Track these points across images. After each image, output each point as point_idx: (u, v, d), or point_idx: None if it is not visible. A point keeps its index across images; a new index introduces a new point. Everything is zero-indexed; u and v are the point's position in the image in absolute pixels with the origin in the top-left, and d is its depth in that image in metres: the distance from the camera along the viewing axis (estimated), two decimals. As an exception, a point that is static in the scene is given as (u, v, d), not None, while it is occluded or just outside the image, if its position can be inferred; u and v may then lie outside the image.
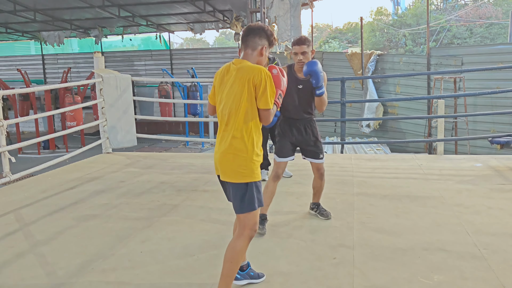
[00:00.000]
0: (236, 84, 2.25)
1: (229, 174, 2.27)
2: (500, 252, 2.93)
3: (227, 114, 2.27)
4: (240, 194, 2.26)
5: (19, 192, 4.77)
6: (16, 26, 15.47)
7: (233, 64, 2.34)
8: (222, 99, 2.32)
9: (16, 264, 2.96)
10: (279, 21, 11.61)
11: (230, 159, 2.25)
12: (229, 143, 2.25)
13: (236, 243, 2.26)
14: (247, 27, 2.41)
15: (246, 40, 2.36)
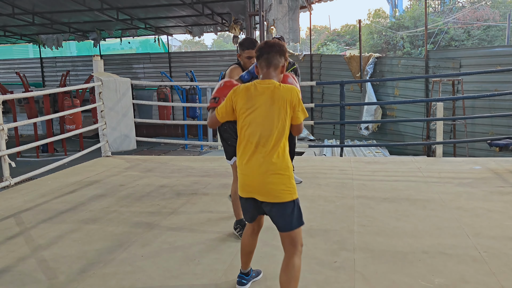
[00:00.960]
0: (275, 106, 2.23)
1: (276, 194, 2.21)
2: (500, 255, 2.94)
3: (265, 135, 2.22)
4: (289, 212, 2.23)
5: (19, 196, 4.77)
6: (15, 29, 15.48)
7: (260, 85, 2.29)
8: (253, 119, 2.26)
9: (17, 268, 2.95)
10: (278, 24, 11.63)
11: (275, 179, 2.21)
12: (272, 163, 2.21)
13: (295, 261, 2.24)
14: (267, 44, 2.33)
15: (268, 58, 2.31)
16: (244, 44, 3.32)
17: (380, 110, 13.28)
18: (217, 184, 5.05)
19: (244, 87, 2.32)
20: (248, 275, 2.61)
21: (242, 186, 2.33)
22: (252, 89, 2.29)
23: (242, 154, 2.30)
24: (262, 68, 2.33)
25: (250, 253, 2.56)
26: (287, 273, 2.22)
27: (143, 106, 16.79)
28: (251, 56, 3.27)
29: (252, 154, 2.25)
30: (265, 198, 2.24)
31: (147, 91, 17.56)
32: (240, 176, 2.33)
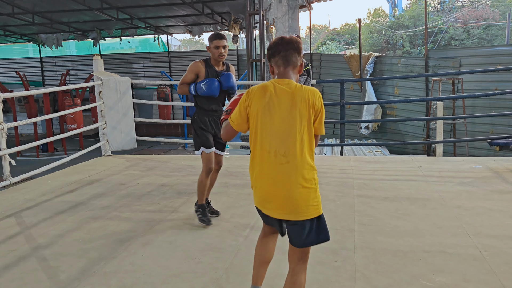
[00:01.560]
0: (299, 109, 1.98)
1: (303, 210, 1.95)
2: (501, 254, 2.94)
3: (286, 142, 1.96)
4: (314, 228, 2.00)
5: (19, 195, 4.76)
6: (15, 28, 15.48)
7: (279, 84, 2.03)
8: (272, 125, 1.99)
9: (18, 267, 2.95)
10: (277, 23, 11.64)
11: (303, 194, 1.95)
12: (299, 175, 1.95)
13: (302, 278, 2.04)
14: (284, 41, 2.08)
15: (286, 56, 2.05)
16: (212, 36, 3.58)
17: (380, 109, 13.29)
18: (217, 183, 5.03)
19: (260, 87, 2.06)
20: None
21: (257, 198, 2.08)
22: (270, 88, 2.03)
23: (257, 162, 2.03)
24: (279, 67, 2.07)
25: (263, 264, 2.25)
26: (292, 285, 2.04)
27: (143, 106, 16.80)
28: (218, 46, 3.54)
29: (272, 165, 1.97)
30: (289, 215, 1.97)
31: (147, 90, 17.57)
32: (255, 188, 2.07)
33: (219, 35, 3.59)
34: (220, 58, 3.59)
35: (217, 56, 3.58)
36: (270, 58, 2.12)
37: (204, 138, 3.60)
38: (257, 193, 2.06)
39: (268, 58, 2.14)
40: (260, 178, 2.02)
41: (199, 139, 3.60)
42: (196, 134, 3.63)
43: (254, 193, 2.10)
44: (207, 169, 3.57)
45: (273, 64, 2.10)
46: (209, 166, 3.57)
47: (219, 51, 3.56)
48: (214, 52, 3.58)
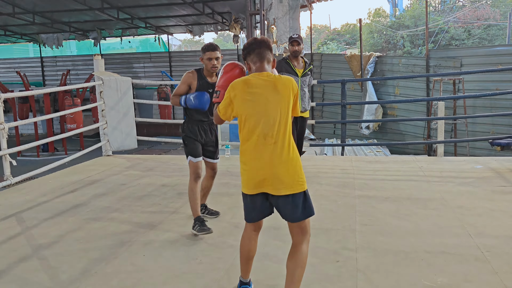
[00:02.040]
0: (281, 96, 2.25)
1: (290, 185, 2.20)
2: (503, 254, 2.93)
3: (272, 126, 2.20)
4: (301, 202, 2.23)
5: (20, 195, 4.76)
6: (15, 28, 15.47)
7: (258, 77, 2.28)
8: (258, 112, 2.23)
9: (19, 268, 2.95)
10: (278, 23, 11.62)
11: (290, 171, 2.21)
12: (283, 154, 2.20)
13: (303, 247, 2.25)
14: (261, 41, 2.36)
15: (260, 53, 2.32)
16: (205, 47, 3.56)
17: (380, 109, 13.28)
18: (218, 184, 5.03)
19: (242, 80, 2.29)
20: (250, 285, 2.51)
21: (250, 182, 2.25)
22: (252, 81, 2.27)
23: (249, 148, 2.24)
24: (255, 63, 2.33)
25: (251, 258, 2.45)
26: (295, 259, 2.23)
27: (144, 105, 16.79)
28: (211, 58, 3.52)
29: (262, 147, 2.20)
30: (280, 190, 2.19)
31: (147, 90, 17.56)
32: (248, 172, 2.25)
33: (212, 46, 3.56)
34: (213, 70, 3.58)
35: (209, 68, 3.58)
36: (246, 57, 2.36)
37: (192, 147, 3.63)
38: (249, 176, 2.25)
39: (244, 57, 2.38)
40: (252, 160, 2.24)
41: (186, 148, 3.65)
42: (184, 144, 3.67)
43: (244, 178, 2.28)
44: (195, 177, 3.57)
45: (250, 62, 2.35)
46: (197, 173, 3.58)
47: (212, 63, 3.55)
48: (207, 64, 3.57)
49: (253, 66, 2.34)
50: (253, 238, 2.42)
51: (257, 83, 2.26)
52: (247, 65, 2.38)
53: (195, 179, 3.57)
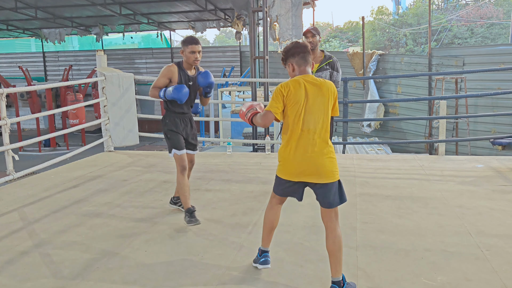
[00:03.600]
0: (326, 98, 2.53)
1: (327, 175, 2.50)
2: (503, 254, 2.94)
3: (319, 123, 2.51)
4: (337, 190, 2.52)
5: (22, 190, 4.78)
6: (17, 23, 15.49)
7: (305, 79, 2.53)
8: (306, 109, 2.50)
9: (21, 262, 2.97)
10: (281, 20, 11.61)
11: (327, 162, 2.50)
12: (326, 148, 2.52)
13: (339, 231, 2.53)
14: (304, 46, 2.59)
15: (305, 57, 2.56)
16: (188, 41, 3.58)
17: (382, 107, 13.27)
18: (220, 180, 5.06)
19: (293, 81, 2.53)
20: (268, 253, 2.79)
21: (294, 171, 2.52)
22: (301, 81, 2.52)
23: (296, 140, 2.50)
24: (300, 65, 2.57)
25: (273, 229, 2.77)
26: (336, 242, 2.50)
27: (145, 102, 16.79)
28: (194, 51, 3.56)
29: (308, 139, 2.49)
30: (322, 179, 2.49)
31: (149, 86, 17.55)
32: (292, 161, 2.52)
33: (195, 39, 3.60)
34: (195, 63, 3.63)
35: (192, 61, 3.61)
36: (289, 58, 2.58)
37: (175, 140, 3.68)
38: (290, 165, 2.54)
39: (286, 58, 2.61)
40: (296, 152, 2.51)
41: (170, 141, 3.69)
42: (166, 138, 3.70)
43: (284, 166, 2.56)
44: (181, 169, 3.65)
45: (294, 63, 2.57)
46: (183, 165, 3.65)
47: (195, 56, 3.59)
48: (190, 57, 3.60)
49: (297, 68, 2.57)
50: (277, 210, 2.73)
51: (306, 85, 2.51)
52: (290, 66, 2.59)
53: (182, 172, 3.64)
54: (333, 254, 2.49)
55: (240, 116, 2.77)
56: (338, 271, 2.48)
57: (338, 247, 2.49)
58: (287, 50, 2.60)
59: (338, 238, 2.51)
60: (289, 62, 2.59)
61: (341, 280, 2.47)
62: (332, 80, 4.50)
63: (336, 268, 2.48)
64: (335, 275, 2.48)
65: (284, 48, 2.64)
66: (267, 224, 2.75)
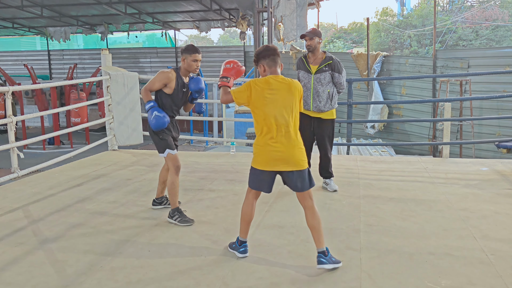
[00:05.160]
0: (293, 95, 2.85)
1: (298, 163, 2.82)
2: (507, 258, 2.93)
3: (288, 118, 2.80)
4: (305, 176, 2.84)
5: (26, 188, 4.80)
6: (23, 21, 15.54)
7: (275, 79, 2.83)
8: (277, 106, 2.80)
9: (25, 261, 2.98)
10: (285, 20, 11.60)
11: (297, 152, 2.83)
12: (296, 140, 2.83)
13: (316, 209, 2.87)
14: (274, 49, 2.89)
15: (275, 59, 2.87)
16: (191, 49, 3.69)
17: (386, 109, 13.24)
18: (224, 181, 5.06)
19: (264, 80, 2.83)
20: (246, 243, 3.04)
21: (268, 161, 2.81)
22: (272, 82, 2.83)
23: (268, 134, 2.80)
24: (271, 66, 2.86)
25: (250, 221, 3.03)
26: (315, 217, 2.83)
27: (149, 101, 16.81)
28: (196, 60, 3.68)
29: (281, 133, 2.79)
30: (293, 167, 2.81)
31: (153, 85, 17.57)
32: (266, 153, 2.81)
33: (197, 49, 3.72)
34: (195, 71, 3.75)
35: (193, 69, 3.71)
36: (260, 60, 2.88)
37: (168, 141, 3.76)
38: (265, 156, 2.82)
39: (257, 60, 2.90)
40: (270, 144, 2.80)
41: (163, 142, 3.75)
42: (159, 138, 3.76)
43: (259, 157, 2.84)
44: (176, 169, 3.73)
45: (265, 65, 2.87)
46: (177, 164, 3.74)
47: (197, 64, 3.70)
48: (192, 65, 3.68)
49: (268, 69, 2.87)
50: (253, 204, 3.00)
51: (276, 84, 2.82)
52: (261, 67, 2.88)
53: (176, 172, 3.73)
54: (314, 228, 2.82)
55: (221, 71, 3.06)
56: (322, 242, 2.80)
57: (318, 222, 2.82)
58: (258, 53, 2.90)
59: (316, 214, 2.84)
60: (260, 63, 2.88)
61: (325, 250, 2.79)
62: (334, 82, 4.47)
63: (319, 240, 2.80)
64: (319, 246, 2.80)
65: (256, 51, 2.94)
66: (245, 218, 3.00)
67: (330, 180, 4.66)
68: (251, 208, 2.99)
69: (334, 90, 4.49)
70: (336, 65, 4.43)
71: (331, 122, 4.60)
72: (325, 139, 4.61)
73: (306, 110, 4.52)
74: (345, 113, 6.97)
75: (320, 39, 4.45)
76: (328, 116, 4.54)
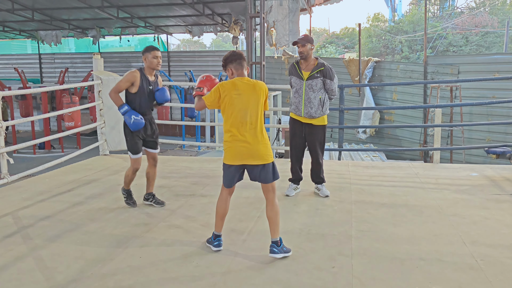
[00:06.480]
0: (258, 95, 3.10)
1: (264, 158, 3.06)
2: (497, 263, 2.96)
3: (253, 116, 3.05)
4: (271, 170, 3.09)
5: (16, 194, 4.75)
6: (14, 24, 15.42)
7: (241, 80, 3.09)
8: (243, 106, 3.04)
9: (15, 268, 2.95)
10: (278, 26, 11.65)
11: (263, 148, 3.07)
12: (261, 136, 3.07)
13: (276, 201, 3.11)
14: (240, 54, 3.14)
15: (241, 63, 3.13)
16: (149, 48, 4.00)
17: (378, 114, 13.32)
18: (216, 186, 5.05)
19: (230, 82, 3.08)
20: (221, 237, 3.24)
21: (236, 155, 3.06)
22: (238, 84, 3.08)
23: (235, 130, 3.04)
24: (238, 70, 3.13)
25: (224, 216, 3.22)
26: (273, 209, 3.08)
27: (141, 105, 16.75)
28: (156, 56, 3.98)
29: (246, 130, 3.04)
30: (258, 161, 3.05)
31: (145, 89, 17.51)
32: (234, 148, 3.05)
33: (156, 47, 4.03)
34: (157, 67, 4.02)
35: (155, 65, 3.99)
36: (228, 64, 3.14)
37: (133, 143, 4.04)
38: (233, 152, 3.06)
39: (225, 64, 3.15)
40: (237, 140, 3.04)
41: (128, 144, 4.07)
42: (126, 139, 4.07)
43: (228, 153, 3.07)
44: (133, 169, 4.10)
45: (232, 68, 3.13)
46: (136, 167, 4.09)
47: (157, 60, 4.00)
48: (153, 62, 3.98)
49: (235, 71, 3.13)
50: (228, 200, 3.22)
51: (242, 85, 3.08)
52: (229, 70, 3.14)
53: (134, 172, 4.11)
54: (271, 219, 3.06)
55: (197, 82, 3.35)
56: (276, 232, 3.06)
57: (275, 214, 3.07)
58: (226, 58, 3.14)
59: (276, 206, 3.09)
60: (228, 67, 3.14)
61: (278, 240, 3.05)
62: (326, 88, 4.48)
63: (275, 230, 3.06)
64: (274, 236, 3.06)
65: (223, 56, 3.18)
66: (219, 213, 3.20)
67: (321, 185, 4.67)
68: (225, 203, 3.20)
69: (326, 96, 4.50)
70: (328, 72, 4.45)
71: (322, 128, 4.60)
72: (316, 145, 4.60)
73: (298, 116, 4.54)
74: (336, 118, 7.00)
75: (312, 46, 4.46)
76: (319, 122, 4.54)
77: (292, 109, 4.59)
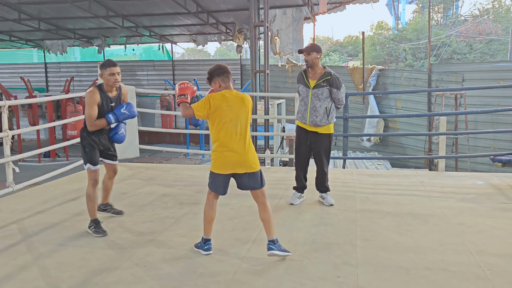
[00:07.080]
0: (246, 107, 3.27)
1: (252, 166, 3.22)
2: (504, 273, 2.92)
3: (242, 126, 3.20)
4: (259, 177, 3.26)
5: (21, 203, 4.76)
6: (20, 34, 15.56)
7: (230, 93, 3.22)
8: (233, 117, 3.18)
9: (19, 277, 2.95)
10: (281, 34, 11.70)
11: (251, 156, 3.24)
12: (249, 145, 3.24)
13: (268, 204, 3.28)
14: (226, 67, 3.27)
15: (228, 76, 3.27)
16: (106, 64, 3.75)
17: (382, 122, 13.30)
18: (220, 194, 5.03)
19: (221, 94, 3.21)
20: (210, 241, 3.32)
21: (226, 165, 3.20)
22: (228, 96, 3.21)
23: (225, 140, 3.17)
24: (225, 82, 3.25)
25: (212, 220, 3.34)
26: (267, 212, 3.24)
27: (146, 114, 16.80)
28: (113, 73, 3.72)
29: (236, 140, 3.18)
30: (246, 170, 3.21)
31: (150, 98, 17.58)
32: (223, 158, 3.18)
33: (113, 62, 3.77)
34: (115, 84, 3.77)
35: (112, 83, 3.75)
36: (215, 77, 3.25)
37: (92, 155, 3.84)
38: (222, 161, 3.20)
39: (211, 77, 3.26)
40: (227, 151, 3.18)
41: (86, 156, 3.84)
42: (84, 151, 3.86)
43: (217, 162, 3.21)
44: (93, 183, 3.85)
45: (220, 81, 3.24)
46: (95, 179, 3.85)
47: (114, 77, 3.74)
48: (109, 79, 3.73)
49: (223, 84, 3.25)
50: (214, 204, 3.36)
51: (231, 98, 3.21)
52: (217, 83, 3.25)
53: (93, 185, 3.84)
54: (266, 221, 3.22)
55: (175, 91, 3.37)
56: (272, 232, 3.19)
57: (269, 215, 3.22)
58: (212, 71, 3.25)
59: (268, 208, 3.24)
60: (215, 80, 3.25)
61: (274, 239, 3.16)
62: (333, 97, 4.46)
63: (270, 231, 3.20)
64: (269, 235, 3.19)
65: (209, 69, 3.27)
66: (207, 218, 3.32)
67: (326, 194, 4.65)
68: (212, 208, 3.32)
69: (332, 105, 4.48)
70: (335, 81, 4.42)
71: (328, 137, 4.57)
72: (321, 154, 4.58)
73: (303, 124, 4.53)
74: (341, 126, 6.99)
75: (318, 54, 4.43)
76: (324, 130, 4.51)
77: (298, 117, 4.59)
